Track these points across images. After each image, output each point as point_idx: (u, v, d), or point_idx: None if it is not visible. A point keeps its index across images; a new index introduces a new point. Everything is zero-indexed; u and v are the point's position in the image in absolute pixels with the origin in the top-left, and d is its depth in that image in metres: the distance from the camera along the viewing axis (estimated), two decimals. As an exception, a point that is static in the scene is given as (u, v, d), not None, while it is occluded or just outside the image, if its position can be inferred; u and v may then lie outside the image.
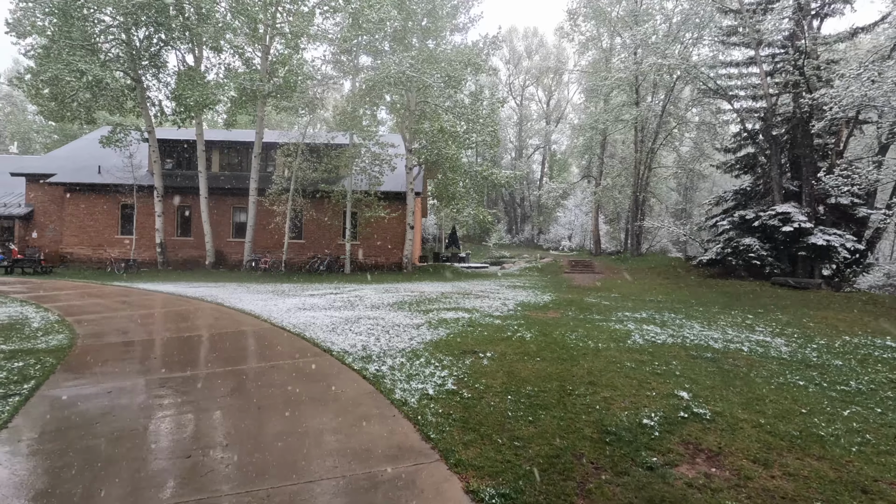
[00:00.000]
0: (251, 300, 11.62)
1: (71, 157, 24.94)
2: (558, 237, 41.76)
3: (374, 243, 22.84)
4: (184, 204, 22.92)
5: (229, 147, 24.38)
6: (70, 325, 7.92)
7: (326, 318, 9.11)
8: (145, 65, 21.27)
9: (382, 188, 21.12)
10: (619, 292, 15.90)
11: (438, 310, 10.04)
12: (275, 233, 22.25)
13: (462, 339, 6.90)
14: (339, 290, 14.20)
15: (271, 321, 8.68)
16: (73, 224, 22.71)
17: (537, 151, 49.49)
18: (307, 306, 10.72)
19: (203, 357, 6.08)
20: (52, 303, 10.52)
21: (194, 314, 9.45)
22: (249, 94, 21.71)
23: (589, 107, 36.19)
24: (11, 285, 13.88)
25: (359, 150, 19.80)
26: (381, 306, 10.71)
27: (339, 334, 7.42)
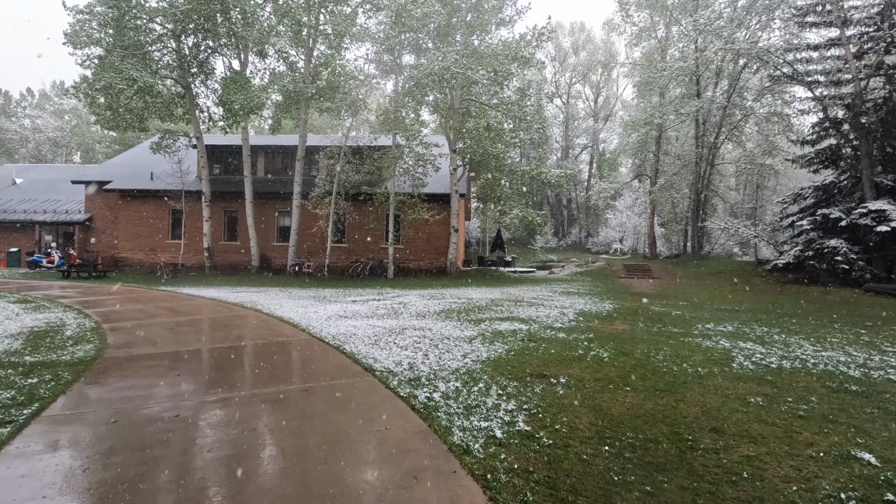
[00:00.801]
0: (291, 306, 11.03)
1: (126, 165, 25.74)
2: (608, 240, 39.76)
3: (418, 247, 22.12)
4: (230, 209, 23.06)
5: (273, 151, 24.39)
6: (103, 334, 7.49)
7: (368, 327, 8.31)
8: (194, 72, 21.56)
9: (426, 190, 20.36)
10: (686, 300, 14.34)
11: (491, 320, 9.04)
12: (318, 236, 21.94)
13: (525, 357, 5.88)
14: (382, 295, 13.46)
15: (309, 331, 7.96)
16: (127, 229, 23.31)
17: (585, 151, 47.60)
18: (348, 314, 9.99)
19: (230, 377, 5.37)
20: (93, 308, 10.31)
21: (230, 322, 8.89)
22: (293, 97, 21.60)
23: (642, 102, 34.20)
24: (64, 290, 14.02)
25: (402, 150, 19.14)
26: (427, 315, 9.82)
27: (383, 348, 6.56)
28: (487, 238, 37.77)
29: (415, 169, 19.74)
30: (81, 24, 18.48)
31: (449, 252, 21.55)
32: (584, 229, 45.12)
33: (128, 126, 21.28)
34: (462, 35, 20.81)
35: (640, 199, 35.38)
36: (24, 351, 6.27)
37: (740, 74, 23.93)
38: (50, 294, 12.73)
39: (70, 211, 25.35)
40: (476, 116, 19.87)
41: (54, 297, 12.24)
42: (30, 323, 8.40)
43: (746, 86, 25.09)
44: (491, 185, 21.61)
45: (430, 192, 20.73)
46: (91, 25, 18.82)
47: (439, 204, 21.36)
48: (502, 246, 28.32)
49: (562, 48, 44.57)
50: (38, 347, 6.46)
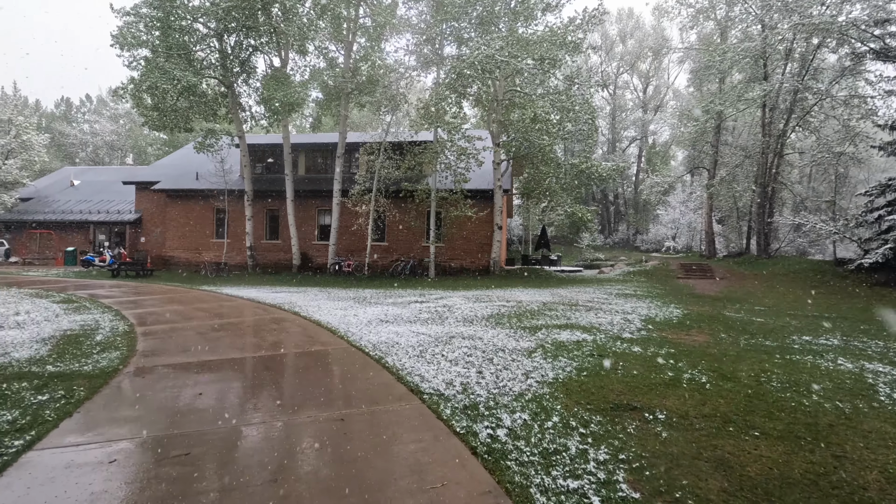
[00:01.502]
0: (330, 309, 10.43)
1: (173, 165, 26.24)
2: (659, 238, 37.59)
3: (459, 245, 21.27)
4: (271, 208, 22.98)
5: (314, 149, 24.17)
6: (133, 339, 7.05)
7: (412, 335, 7.51)
8: (236, 71, 21.56)
9: (468, 186, 19.46)
10: (761, 304, 12.82)
11: (548, 327, 8.06)
12: (358, 235, 21.49)
13: (601, 379, 4.90)
14: (425, 297, 12.69)
15: (348, 338, 7.26)
16: (174, 228, 23.68)
17: (633, 144, 45.34)
18: (390, 318, 9.25)
19: (255, 397, 4.69)
20: (131, 309, 10.05)
21: (266, 326, 8.33)
22: (333, 93, 21.24)
23: (696, 91, 31.96)
24: (108, 289, 14.06)
25: (444, 145, 18.31)
26: (475, 320, 8.94)
27: (429, 362, 5.74)
28: (530, 236, 36.50)
29: (457, 164, 18.90)
30: (128, 26, 18.73)
31: (492, 251, 20.60)
32: (632, 226, 42.94)
33: (174, 126, 21.51)
34: (506, 23, 19.76)
35: (696, 194, 33.15)
36: (48, 358, 5.85)
37: (815, 54, 21.67)
38: (94, 294, 12.72)
39: (121, 211, 26.10)
40: (522, 107, 18.79)
41: (98, 296, 12.19)
42: (65, 325, 8.12)
43: (821, 66, 22.73)
44: (537, 180, 20.46)
45: (472, 189, 19.82)
46: (138, 27, 19.05)
47: (482, 200, 20.42)
48: (547, 244, 27.05)
49: (608, 36, 42.51)
50: (63, 355, 6.03)
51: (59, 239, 26.13)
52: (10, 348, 6.39)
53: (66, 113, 49.26)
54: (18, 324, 8.23)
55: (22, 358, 5.87)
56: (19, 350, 6.28)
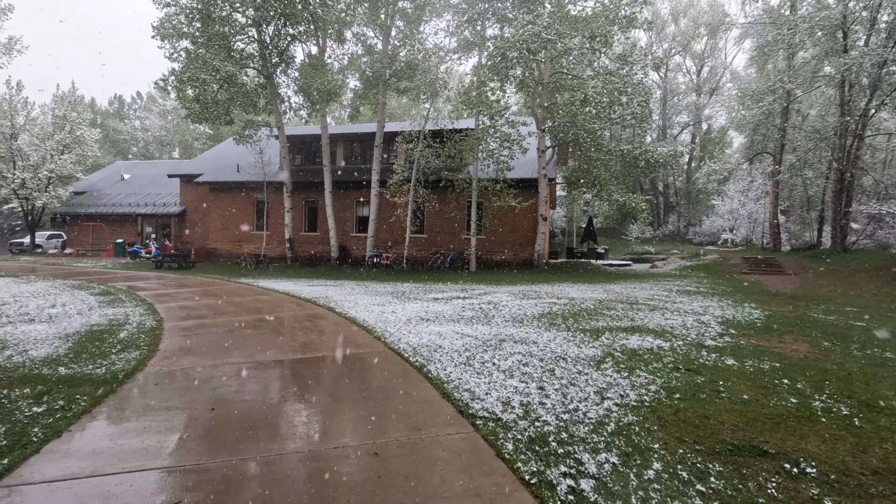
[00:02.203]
0: (367, 304, 9.75)
1: (215, 158, 26.45)
2: (714, 230, 35.14)
3: (501, 237, 20.27)
4: (310, 199, 22.72)
5: (352, 140, 23.70)
6: (157, 337, 6.56)
7: (456, 337, 6.68)
8: (275, 61, 21.29)
9: (510, 175, 18.41)
10: (851, 304, 11.20)
11: (611, 330, 7.03)
12: (396, 227, 20.88)
13: (700, 403, 3.89)
14: (467, 292, 11.84)
15: (385, 339, 6.51)
16: (216, 221, 23.84)
17: (685, 130, 42.65)
18: (430, 316, 8.46)
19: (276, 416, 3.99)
20: (165, 302, 9.72)
21: (299, 324, 7.71)
22: (371, 81, 20.62)
23: (759, 70, 29.38)
24: (148, 281, 13.99)
25: (486, 131, 17.31)
26: (526, 320, 8.01)
27: (479, 372, 4.88)
28: (574, 228, 34.96)
29: (499, 151, 17.85)
30: (169, 17, 18.71)
31: (536, 243, 19.50)
32: (683, 218, 40.45)
33: (215, 119, 21.49)
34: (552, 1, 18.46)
35: (757, 182, 30.63)
36: (63, 358, 5.38)
37: (906, 21, 19.15)
38: (133, 286, 12.61)
39: (167, 204, 26.60)
40: (571, 89, 17.50)
41: (136, 288, 12.05)
42: (95, 319, 7.78)
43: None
44: (585, 168, 19.14)
45: (515, 178, 18.73)
46: (179, 19, 19.01)
47: (525, 190, 19.30)
48: (594, 236, 25.59)
49: (659, 16, 39.91)
50: (80, 354, 5.56)
51: (109, 231, 26.95)
52: (31, 345, 6.00)
53: (118, 110, 51.39)
54: (51, 317, 7.97)
55: (38, 357, 5.43)
56: (40, 348, 5.88)
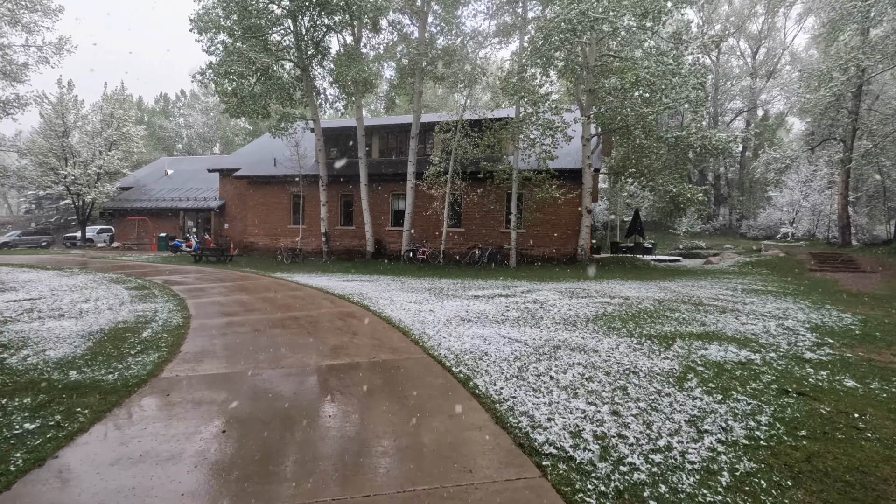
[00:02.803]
0: (403, 302, 9.13)
1: (253, 153, 26.56)
2: (771, 223, 32.75)
3: (542, 231, 19.27)
4: (345, 193, 22.38)
5: (387, 131, 23.18)
6: (182, 336, 6.13)
7: (503, 341, 5.93)
8: (311, 53, 21.01)
9: (553, 165, 17.38)
10: (957, 308, 9.70)
11: (682, 336, 6.10)
12: (432, 220, 20.23)
13: (836, 444, 3.00)
14: (509, 290, 11.03)
15: (423, 343, 5.83)
16: (254, 215, 23.90)
17: (739, 117, 39.98)
18: (472, 315, 7.73)
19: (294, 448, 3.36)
20: (196, 298, 9.40)
21: (331, 324, 7.14)
22: (407, 70, 20.00)
23: (823, 50, 26.88)
24: (185, 275, 13.89)
25: (528, 118, 16.33)
26: (579, 322, 7.16)
27: (535, 389, 4.12)
28: (618, 221, 33.41)
29: (542, 140, 16.85)
30: (207, 10, 18.65)
31: (580, 237, 18.41)
32: (735, 210, 37.99)
33: (252, 113, 21.42)
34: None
35: (822, 172, 28.19)
36: (79, 360, 4.98)
37: None
38: (169, 280, 12.48)
39: (207, 198, 26.95)
40: (621, 72, 16.27)
41: (172, 282, 11.89)
42: (123, 316, 7.47)
43: None
44: (635, 157, 17.85)
45: (557, 168, 17.67)
46: (216, 12, 18.93)
47: (567, 181, 18.22)
48: (640, 230, 24.11)
49: (711, -5, 37.33)
50: (97, 356, 5.15)
51: (153, 225, 27.59)
52: (51, 344, 5.66)
53: (164, 108, 53.08)
54: (81, 312, 7.74)
55: (53, 358, 5.05)
56: (58, 347, 5.52)
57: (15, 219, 46.08)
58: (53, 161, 27.21)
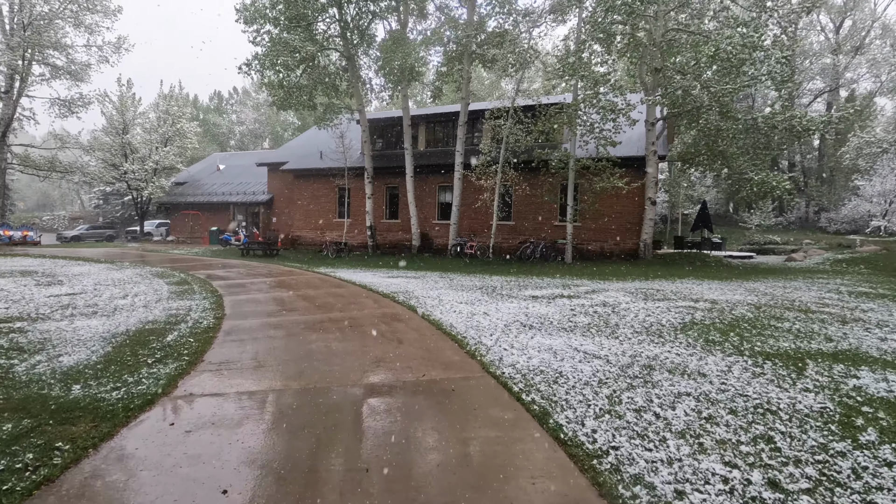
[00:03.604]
0: (453, 302, 8.19)
1: (300, 146, 26.45)
2: (858, 216, 29.36)
3: (600, 224, 17.80)
4: (391, 185, 21.73)
5: (434, 121, 22.30)
6: (209, 341, 5.47)
7: (577, 356, 4.86)
8: (356, 42, 20.44)
9: (613, 152, 15.88)
10: None
11: (810, 356, 4.79)
12: (481, 213, 19.20)
13: None
14: (570, 289, 9.86)
15: (481, 357, 4.87)
16: (300, 208, 23.74)
17: (819, 98, 36.24)
18: (533, 321, 6.68)
19: None
20: (235, 295, 8.87)
21: (373, 327, 6.30)
22: (455, 55, 18.97)
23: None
24: (229, 269, 13.59)
25: (587, 100, 14.91)
26: (665, 332, 5.95)
27: (640, 434, 3.04)
28: (680, 215, 31.08)
29: (602, 124, 15.40)
30: (253, 1, 18.39)
31: (642, 231, 16.84)
32: (813, 202, 34.48)
33: (298, 104, 21.13)
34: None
35: (924, 157, 24.80)
36: (89, 370, 4.36)
37: None
38: (212, 274, 12.16)
39: (256, 192, 27.14)
40: (694, 46, 14.54)
41: (214, 277, 11.53)
42: (155, 315, 6.96)
43: None
44: (707, 141, 16.02)
45: (617, 156, 16.12)
46: (262, 2, 18.64)
47: (628, 169, 16.64)
48: (708, 223, 22.00)
49: (788, -36, 33.82)
50: (110, 365, 4.52)
51: (205, 219, 28.12)
52: (70, 348, 5.12)
53: (218, 105, 54.82)
54: (114, 310, 7.31)
55: (63, 367, 4.47)
56: (76, 352, 4.97)
57: (86, 214, 49.01)
58: (115, 158, 28.26)
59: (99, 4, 25.27)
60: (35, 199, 68.36)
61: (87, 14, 25.10)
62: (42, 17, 23.63)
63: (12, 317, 6.66)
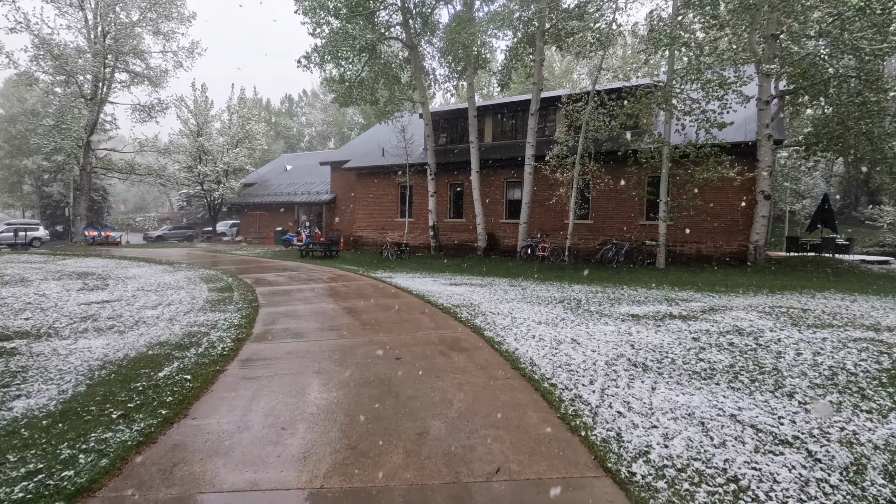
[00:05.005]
0: (529, 322, 6.46)
1: (362, 144, 25.72)
2: None
3: (697, 223, 15.12)
4: (455, 182, 20.21)
5: (502, 112, 20.46)
6: (209, 379, 4.17)
7: (742, 433, 2.98)
8: (419, 31, 19.18)
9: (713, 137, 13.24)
10: None
11: None
12: (553, 211, 17.16)
13: None
14: (678, 305, 7.73)
15: (585, 429, 3.12)
16: (361, 208, 22.92)
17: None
18: (645, 356, 4.79)
19: None
20: (273, 306, 7.69)
21: (427, 362, 4.73)
22: (526, 37, 17.07)
23: None
24: (280, 273, 12.69)
25: (688, 74, 12.45)
26: (866, 385, 3.85)
27: None
28: (786, 210, 26.97)
29: (703, 104, 12.86)
30: (311, -10, 17.63)
31: (752, 230, 14.04)
32: (959, 195, 28.58)
33: (360, 99, 20.27)
34: None
35: None
36: (45, 420, 3.15)
37: None
38: (261, 278, 11.25)
39: (319, 192, 26.78)
40: None
41: (262, 282, 10.58)
42: (174, 331, 5.86)
43: None
44: (853, 120, 12.90)
45: (719, 143, 13.41)
46: (323, -9, 17.86)
47: (733, 158, 13.84)
48: (831, 221, 18.35)
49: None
50: (64, 419, 3.29)
51: (271, 219, 28.25)
52: (39, 384, 4.02)
53: (288, 109, 56.43)
54: (135, 323, 6.35)
55: (17, 412, 3.28)
56: (41, 391, 3.84)
57: (172, 215, 52.23)
58: (189, 160, 29.19)
59: (175, 11, 26.01)
60: (133, 201, 74.55)
61: (164, 21, 25.92)
62: (123, 25, 24.61)
63: (20, 332, 5.83)
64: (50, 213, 34.17)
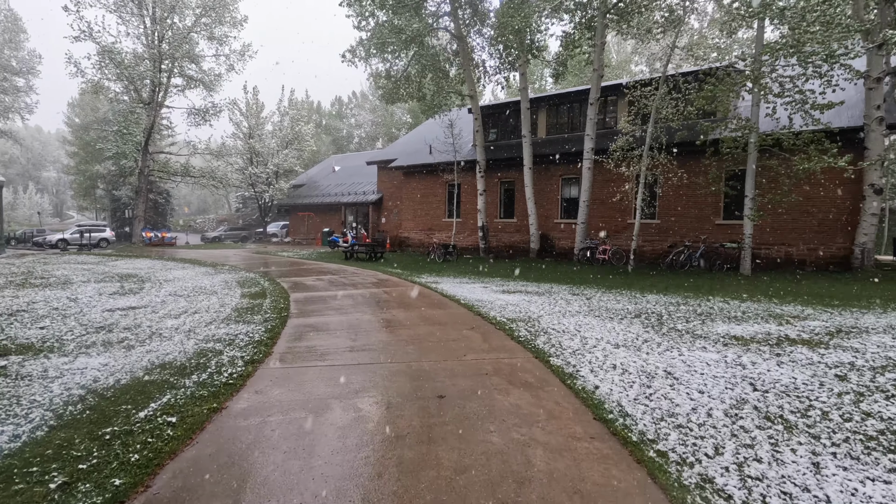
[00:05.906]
0: (604, 344, 5.21)
1: (409, 143, 24.99)
2: None
3: (785, 223, 13.08)
4: (506, 179, 18.97)
5: (557, 103, 18.97)
6: (193, 426, 3.28)
7: None
8: (468, 20, 18.15)
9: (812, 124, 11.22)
10: None
11: None
12: (615, 210, 15.59)
13: None
14: (788, 324, 6.18)
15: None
16: (408, 208, 22.15)
17: None
18: (779, 405, 3.45)
19: None
20: (304, 316, 6.84)
21: (477, 406, 3.62)
22: (586, 23, 15.57)
23: None
24: (321, 277, 11.97)
25: (783, 49, 10.60)
26: None
27: None
28: (887, 210, 23.69)
29: (800, 82, 10.95)
30: (357, -18, 17.02)
31: (859, 231, 11.90)
32: None
33: (407, 96, 19.51)
34: None
35: None
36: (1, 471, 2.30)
37: None
38: (299, 283, 10.55)
39: (366, 192, 26.31)
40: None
41: (298, 287, 9.86)
42: (182, 350, 5.08)
43: None
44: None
45: (817, 129, 11.36)
46: (367, -18, 17.21)
47: (840, 145, 11.72)
48: (952, 220, 15.59)
49: None
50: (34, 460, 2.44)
51: (318, 220, 28.10)
52: (14, 419, 3.25)
53: (338, 111, 57.06)
54: (149, 336, 5.66)
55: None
56: (25, 421, 3.04)
57: (229, 216, 54.10)
58: (241, 162, 29.64)
59: (228, 16, 26.38)
60: (197, 204, 78.33)
61: (217, 26, 26.35)
62: (179, 31, 25.19)
63: (24, 345, 5.25)
64: (119, 215, 36.01)
